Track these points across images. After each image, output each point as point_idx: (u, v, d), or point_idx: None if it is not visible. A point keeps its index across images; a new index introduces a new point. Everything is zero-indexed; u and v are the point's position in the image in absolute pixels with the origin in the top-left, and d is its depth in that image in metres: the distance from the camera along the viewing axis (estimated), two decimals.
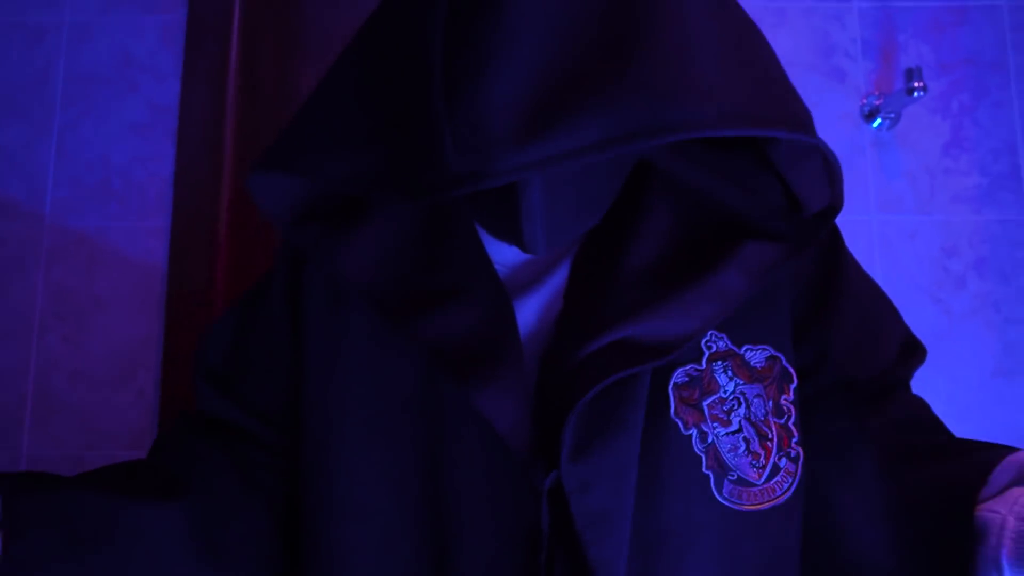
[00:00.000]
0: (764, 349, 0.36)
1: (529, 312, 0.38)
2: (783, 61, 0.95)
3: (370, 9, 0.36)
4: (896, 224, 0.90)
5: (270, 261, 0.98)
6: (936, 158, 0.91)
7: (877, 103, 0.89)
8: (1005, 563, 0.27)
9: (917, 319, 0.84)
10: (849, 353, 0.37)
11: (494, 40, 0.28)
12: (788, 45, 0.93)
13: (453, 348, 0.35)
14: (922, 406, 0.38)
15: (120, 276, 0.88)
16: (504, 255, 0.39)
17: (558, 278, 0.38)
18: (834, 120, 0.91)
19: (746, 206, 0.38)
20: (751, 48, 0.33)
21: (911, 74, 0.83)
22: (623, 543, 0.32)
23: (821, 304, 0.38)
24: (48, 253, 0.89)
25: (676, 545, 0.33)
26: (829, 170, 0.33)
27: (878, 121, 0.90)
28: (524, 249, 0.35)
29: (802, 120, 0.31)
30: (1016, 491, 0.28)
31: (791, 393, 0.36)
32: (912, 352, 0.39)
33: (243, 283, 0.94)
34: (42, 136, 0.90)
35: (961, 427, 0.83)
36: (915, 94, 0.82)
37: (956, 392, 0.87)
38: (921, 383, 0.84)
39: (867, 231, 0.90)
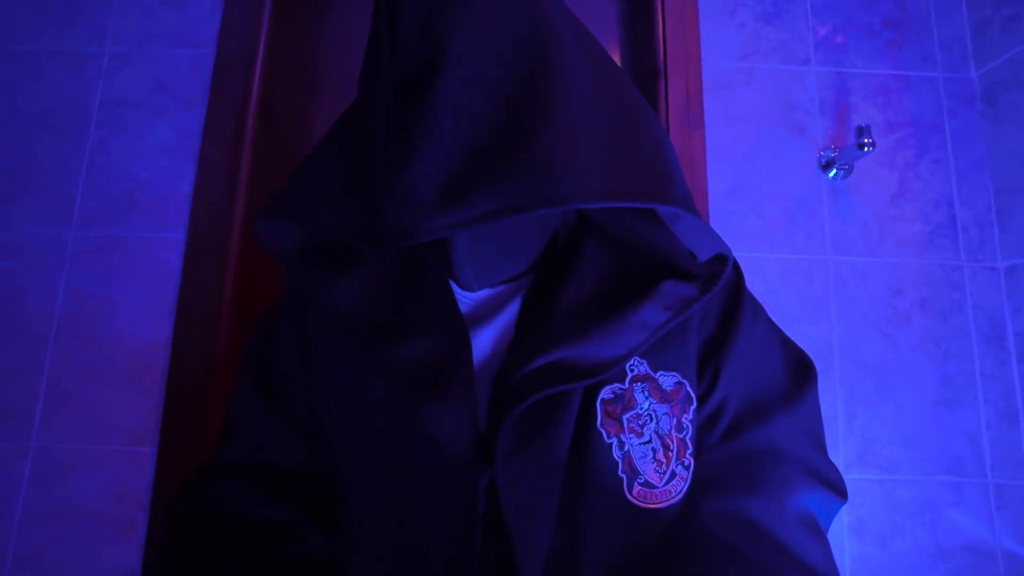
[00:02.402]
0: (674, 375, 0.39)
1: (486, 339, 0.41)
2: (751, 115, 1.01)
3: None
4: (849, 265, 0.93)
5: (276, 275, 1.00)
6: (885, 206, 0.95)
7: (833, 155, 0.93)
8: None
9: (868, 351, 0.91)
10: (739, 377, 0.40)
11: (419, 130, 0.32)
12: (755, 101, 0.97)
13: (411, 371, 0.38)
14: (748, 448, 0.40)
15: (136, 283, 0.90)
16: (470, 292, 0.43)
17: (511, 310, 0.42)
18: (796, 169, 0.95)
19: (664, 252, 0.41)
20: (635, 129, 0.36)
21: (861, 131, 0.87)
22: (545, 531, 0.35)
23: (720, 340, 0.41)
24: (71, 258, 0.90)
25: (591, 535, 0.36)
26: (703, 228, 0.37)
27: (833, 171, 0.94)
28: (461, 288, 0.40)
29: (658, 190, 0.34)
30: None
31: (691, 413, 0.39)
32: (802, 372, 0.41)
33: (250, 294, 0.95)
34: (75, 152, 0.93)
35: (907, 451, 0.87)
36: (865, 149, 0.86)
37: (902, 418, 0.89)
38: (871, 408, 0.90)
39: (823, 270, 0.93)
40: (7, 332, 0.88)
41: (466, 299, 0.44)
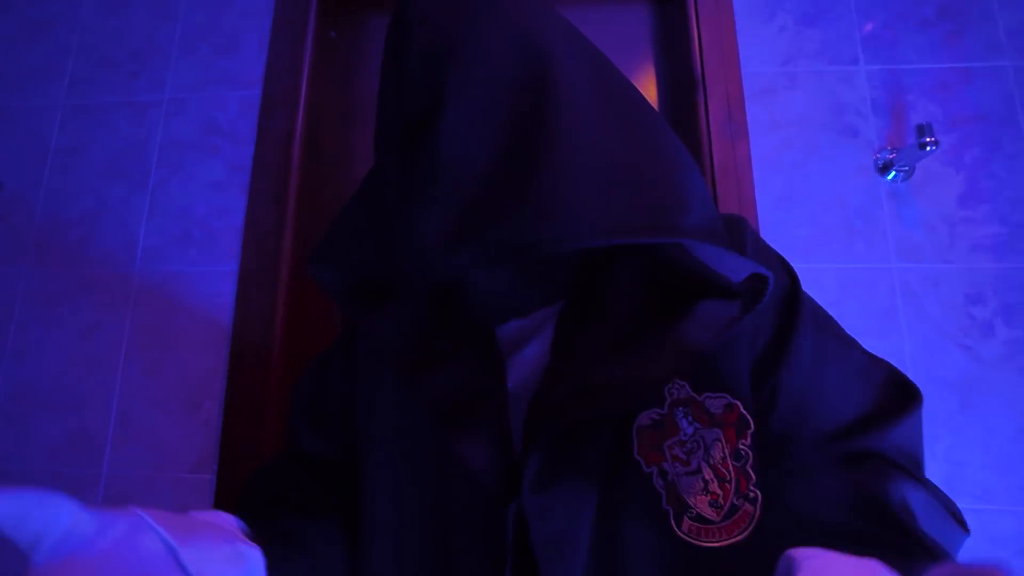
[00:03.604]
0: (722, 397, 0.36)
1: (525, 365, 0.40)
2: (798, 120, 0.95)
3: None
4: (917, 272, 0.85)
5: (324, 304, 1.00)
6: (953, 208, 0.86)
7: (890, 157, 0.86)
8: None
9: (947, 365, 0.82)
10: (804, 400, 0.36)
11: (425, 172, 0.32)
12: (801, 106, 0.91)
13: (445, 401, 0.37)
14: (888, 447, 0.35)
15: (193, 315, 0.91)
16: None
17: (547, 334, 0.41)
18: (851, 173, 0.88)
19: (701, 269, 0.38)
20: (639, 156, 0.34)
21: (922, 130, 0.80)
22: (577, 565, 0.33)
23: (775, 356, 0.37)
24: (136, 294, 0.93)
25: (635, 572, 0.33)
26: (727, 253, 0.34)
27: (892, 174, 0.87)
28: (476, 322, 0.40)
29: (669, 223, 0.32)
30: None
31: (748, 438, 0.35)
32: (897, 394, 0.36)
33: (300, 322, 0.95)
34: (138, 193, 0.96)
35: (1003, 477, 0.76)
36: (928, 148, 0.79)
37: (994, 439, 0.79)
38: (956, 429, 0.80)
39: (888, 279, 0.85)
40: (81, 365, 0.91)
41: (505, 325, 0.42)
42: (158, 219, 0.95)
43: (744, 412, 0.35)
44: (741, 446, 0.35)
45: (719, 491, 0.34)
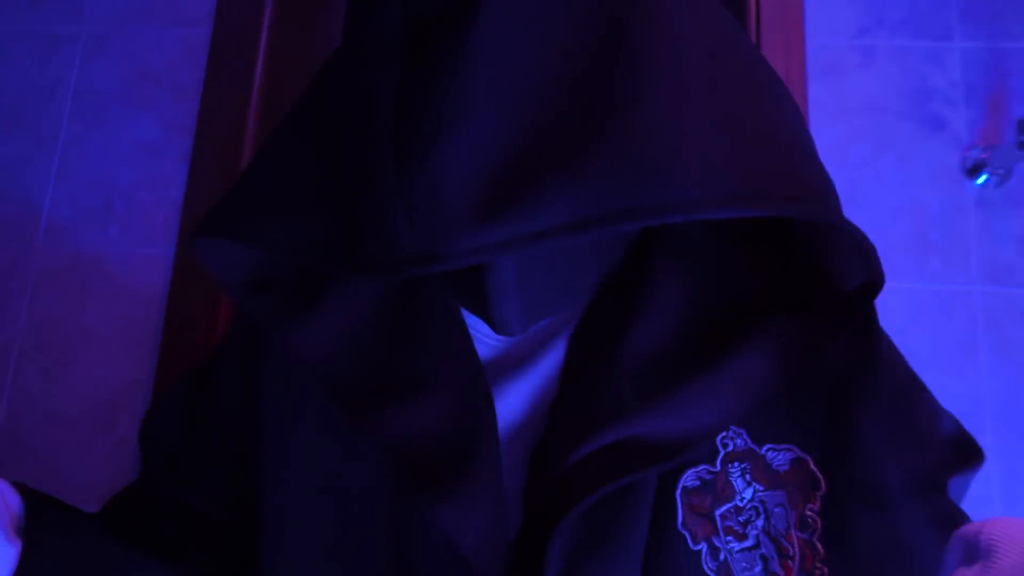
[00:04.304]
0: (789, 450, 0.32)
1: (518, 398, 0.34)
2: (871, 107, 0.82)
3: None
4: (1006, 298, 0.75)
5: None
6: None
7: (982, 157, 0.76)
8: None
9: None
10: (880, 452, 0.32)
11: (451, 103, 0.25)
12: (877, 89, 0.80)
13: (416, 450, 0.31)
14: (950, 509, 0.32)
15: (112, 308, 0.78)
16: (506, 336, 0.35)
17: (553, 357, 0.34)
18: (931, 175, 0.78)
19: (771, 278, 0.34)
20: (763, 111, 0.29)
21: (1023, 126, 0.69)
22: None
23: (851, 392, 0.33)
24: (36, 278, 0.79)
25: None
26: (860, 248, 0.29)
27: (983, 177, 0.76)
28: (495, 331, 0.32)
29: (815, 196, 0.27)
30: (961, 571, 0.24)
31: (817, 502, 0.31)
32: (962, 452, 0.33)
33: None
34: (44, 152, 0.82)
35: None
36: None
37: None
38: None
39: (968, 304, 0.75)
40: None
41: (487, 340, 0.36)
42: (69, 185, 0.81)
43: (814, 469, 0.31)
44: (808, 512, 0.31)
45: (780, 570, 0.30)
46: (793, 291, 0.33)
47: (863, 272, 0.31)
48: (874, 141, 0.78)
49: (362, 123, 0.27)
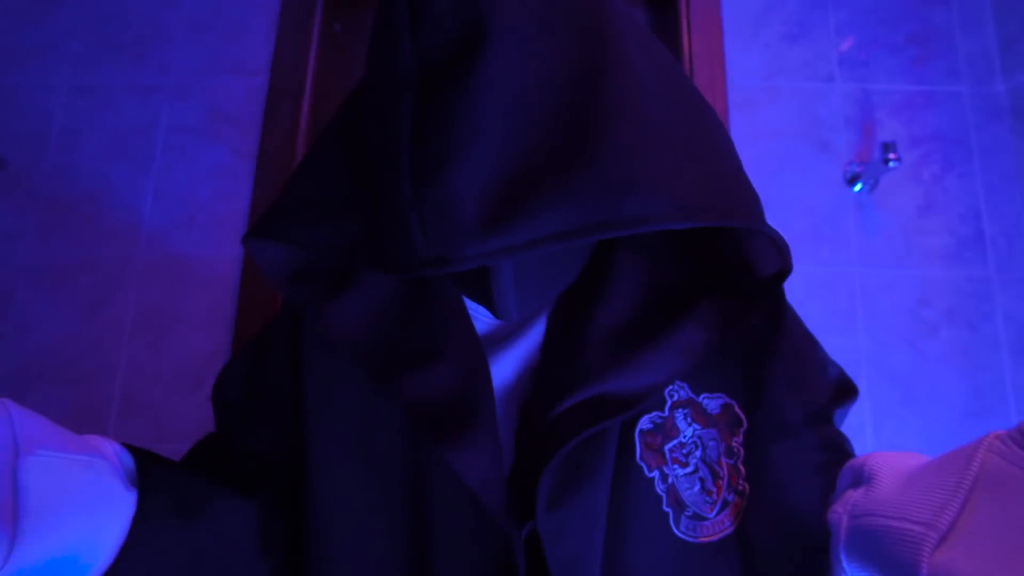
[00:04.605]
0: (720, 397, 0.35)
1: (509, 364, 0.36)
2: (777, 132, 0.95)
3: None
4: (876, 277, 0.88)
5: None
6: (910, 219, 0.90)
7: (858, 170, 0.89)
8: (843, 558, 0.26)
9: (895, 362, 0.86)
10: (786, 394, 0.35)
11: (459, 129, 0.25)
12: (781, 118, 0.93)
13: (429, 407, 0.33)
14: (836, 435, 0.35)
15: (198, 296, 0.90)
16: (486, 310, 0.37)
17: (537, 331, 0.37)
18: (822, 184, 0.91)
19: (706, 266, 0.37)
20: (705, 137, 0.30)
21: (887, 147, 0.83)
22: None
23: (766, 351, 0.36)
24: (140, 274, 0.91)
25: (638, 574, 0.32)
26: (777, 245, 0.32)
27: (859, 186, 0.90)
28: (499, 317, 0.34)
29: (747, 209, 0.29)
30: (849, 492, 0.27)
31: (741, 436, 0.34)
32: (844, 391, 0.37)
33: None
34: (143, 175, 0.94)
35: None
36: (890, 164, 0.82)
37: (931, 429, 0.85)
38: (899, 419, 0.85)
39: (850, 282, 0.88)
40: (84, 341, 0.89)
41: (483, 319, 0.38)
42: (163, 202, 0.93)
43: (738, 411, 0.34)
44: (734, 443, 0.34)
45: (713, 488, 0.33)
46: (722, 277, 0.36)
47: (777, 262, 0.34)
48: (780, 158, 0.91)
49: (383, 142, 0.28)
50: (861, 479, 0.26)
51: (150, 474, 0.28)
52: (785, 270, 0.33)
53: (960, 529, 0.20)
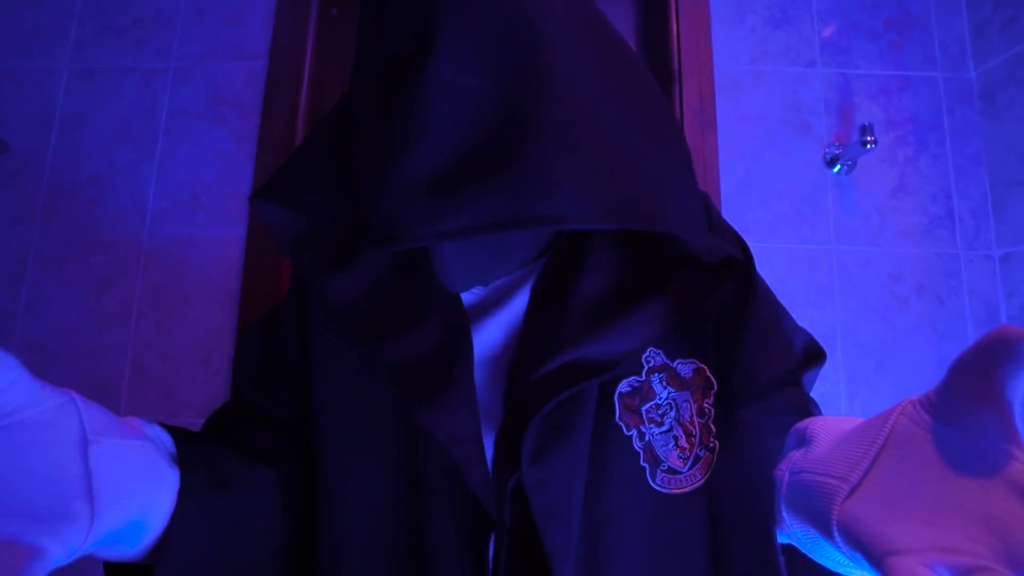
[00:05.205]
0: (692, 362, 0.36)
1: (495, 330, 0.38)
2: (760, 115, 0.98)
3: None
4: (852, 254, 0.92)
5: None
6: (886, 199, 0.94)
7: (837, 152, 0.92)
8: (784, 511, 0.28)
9: (869, 334, 0.90)
10: (755, 360, 0.37)
11: (407, 118, 0.28)
12: (764, 102, 0.96)
13: (408, 370, 0.35)
14: (802, 397, 0.37)
15: (203, 274, 0.92)
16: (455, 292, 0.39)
17: (520, 300, 0.38)
18: (802, 165, 0.94)
19: (676, 240, 0.38)
20: (644, 140, 0.32)
21: (864, 130, 0.85)
22: (573, 531, 0.33)
23: (735, 321, 0.38)
24: (146, 253, 0.92)
25: (616, 527, 0.34)
26: (709, 243, 0.34)
27: (838, 167, 0.93)
28: (446, 287, 0.36)
29: (675, 213, 0.31)
30: (792, 452, 0.28)
31: (711, 398, 0.36)
32: (812, 356, 0.39)
33: None
34: (147, 158, 0.95)
35: None
36: (867, 146, 0.84)
37: (900, 395, 0.87)
38: (871, 387, 0.90)
39: (827, 259, 0.92)
40: (95, 319, 0.91)
41: (474, 290, 0.39)
42: (167, 184, 0.94)
43: (710, 375, 0.36)
44: (706, 404, 0.36)
45: (686, 445, 0.35)
46: (691, 249, 0.37)
47: (720, 254, 0.35)
48: (763, 140, 0.94)
49: (355, 128, 0.31)
50: (804, 440, 0.28)
51: (188, 453, 0.30)
52: (732, 257, 0.34)
53: (868, 481, 0.22)
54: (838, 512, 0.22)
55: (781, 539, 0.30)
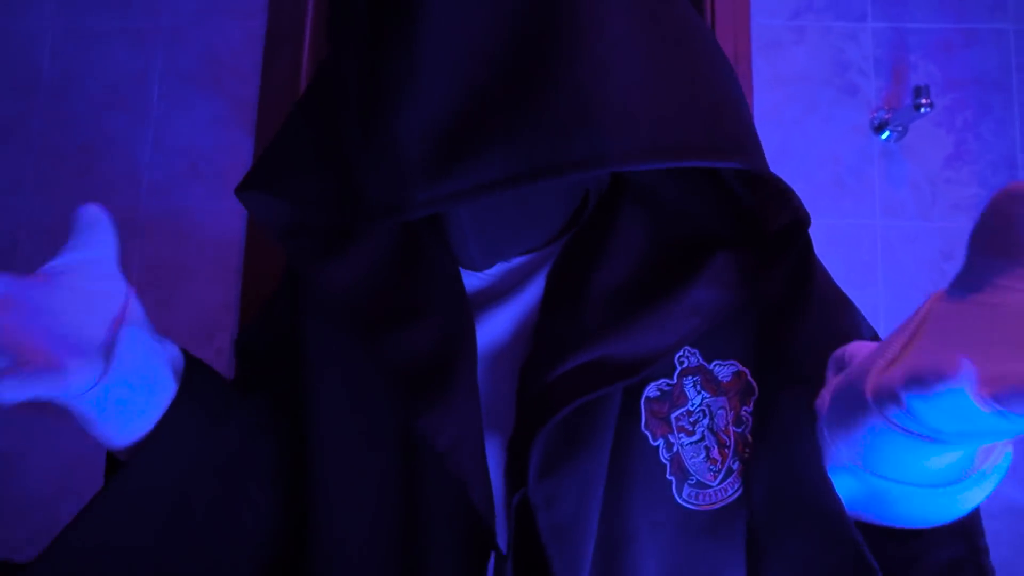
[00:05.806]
0: (732, 364, 0.32)
1: (504, 322, 0.34)
2: (801, 77, 0.89)
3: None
4: (899, 229, 0.85)
5: None
6: (938, 169, 0.86)
7: (886, 117, 0.84)
8: (826, 432, 0.25)
9: None
10: (808, 354, 0.32)
11: (403, 67, 0.24)
12: (806, 61, 0.88)
13: (407, 369, 0.32)
14: None
15: (204, 249, 0.87)
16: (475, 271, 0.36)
17: (534, 289, 0.35)
18: (847, 132, 0.87)
19: (717, 216, 0.34)
20: (683, 64, 0.27)
21: (919, 91, 0.77)
22: (586, 553, 0.29)
23: (786, 312, 0.33)
24: (143, 228, 0.88)
25: (636, 548, 0.30)
26: (780, 191, 0.29)
27: (886, 133, 0.85)
28: (464, 266, 0.33)
29: (731, 145, 0.26)
30: (831, 378, 0.26)
31: (751, 405, 0.32)
32: None
33: None
34: (140, 125, 0.90)
35: None
36: (922, 110, 0.77)
37: None
38: None
39: (871, 235, 0.85)
40: None
41: (478, 275, 0.36)
42: (162, 153, 0.89)
43: (751, 379, 0.32)
44: (744, 412, 0.32)
45: (718, 456, 0.31)
46: (739, 229, 0.33)
47: (786, 214, 0.31)
48: (803, 105, 0.86)
49: (340, 89, 0.27)
50: (841, 365, 0.25)
51: (191, 381, 0.30)
52: (800, 220, 0.30)
53: (904, 354, 0.20)
54: (874, 382, 0.20)
55: (837, 485, 0.26)
